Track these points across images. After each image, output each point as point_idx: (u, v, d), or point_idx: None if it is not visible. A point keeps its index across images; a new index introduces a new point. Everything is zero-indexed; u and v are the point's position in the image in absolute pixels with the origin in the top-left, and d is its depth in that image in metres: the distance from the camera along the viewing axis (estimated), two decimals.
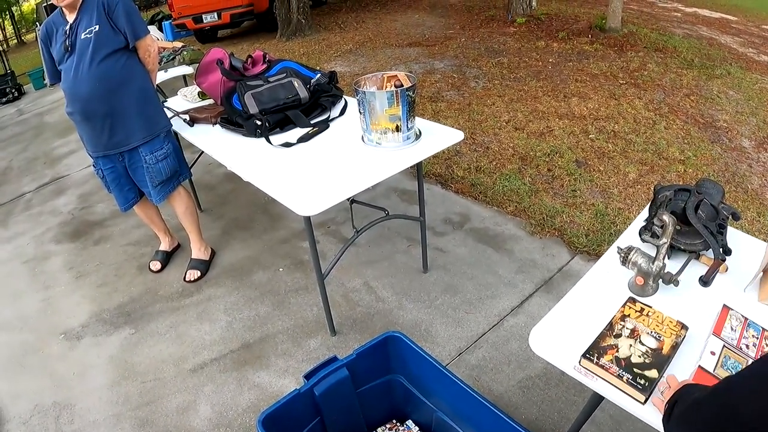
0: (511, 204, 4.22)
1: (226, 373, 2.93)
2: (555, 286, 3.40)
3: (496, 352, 2.95)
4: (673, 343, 1.60)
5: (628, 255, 1.81)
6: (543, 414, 2.64)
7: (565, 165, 4.72)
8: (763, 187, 4.63)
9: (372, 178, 2.52)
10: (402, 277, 3.51)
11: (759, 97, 6.41)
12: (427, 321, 3.15)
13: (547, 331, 1.66)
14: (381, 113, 2.60)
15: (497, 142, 5.13)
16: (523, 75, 6.79)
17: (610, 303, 1.76)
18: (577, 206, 4.17)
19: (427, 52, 7.85)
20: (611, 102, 5.97)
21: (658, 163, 4.76)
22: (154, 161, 3.27)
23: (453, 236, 3.90)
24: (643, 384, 1.47)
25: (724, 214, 1.97)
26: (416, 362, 2.10)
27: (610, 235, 3.81)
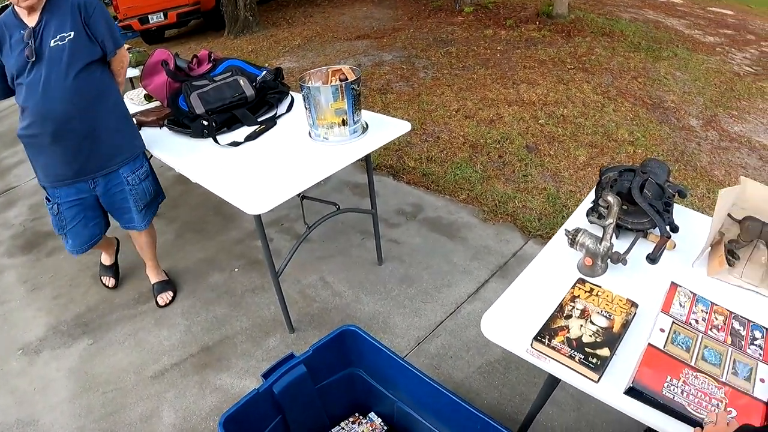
0: (464, 192, 4.25)
1: (188, 378, 2.89)
2: (510, 271, 3.44)
3: (455, 340, 2.97)
4: (623, 322, 1.62)
5: (576, 237, 1.83)
6: (504, 398, 2.67)
7: (516, 151, 4.76)
8: (711, 164, 4.73)
9: (320, 174, 2.51)
10: (357, 270, 3.50)
11: (705, 77, 6.55)
12: (384, 313, 3.16)
13: (498, 316, 1.67)
14: (326, 108, 2.59)
15: (447, 131, 5.14)
16: (472, 63, 6.81)
17: (560, 285, 1.78)
18: (528, 191, 4.21)
19: (376, 45, 7.83)
20: (560, 87, 6.03)
21: (608, 145, 4.83)
22: (138, 181, 2.94)
23: (407, 227, 3.91)
24: (595, 363, 1.49)
25: (670, 192, 2.00)
26: (373, 355, 2.10)
27: (562, 218, 3.85)
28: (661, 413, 1.42)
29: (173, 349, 3.08)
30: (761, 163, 4.92)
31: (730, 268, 1.89)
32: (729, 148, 5.08)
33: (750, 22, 9.70)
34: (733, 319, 1.69)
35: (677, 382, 1.45)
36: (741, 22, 9.59)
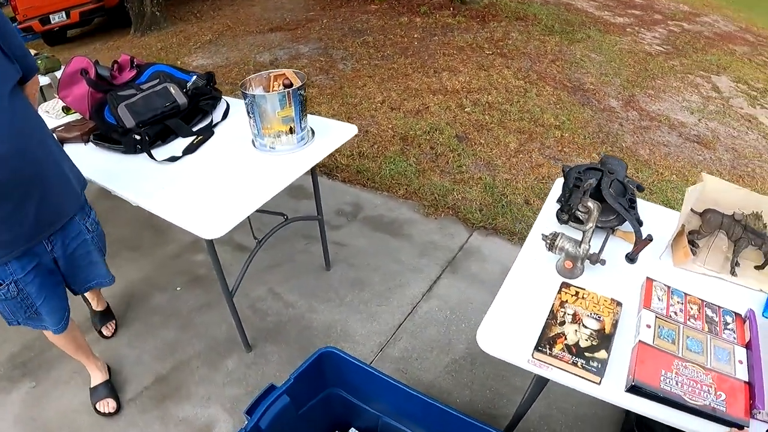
0: (401, 187, 4.25)
1: (147, 413, 2.72)
2: (460, 265, 3.47)
3: (417, 341, 2.98)
4: (612, 321, 1.66)
5: (555, 241, 1.85)
6: (476, 395, 2.71)
7: (447, 141, 4.79)
8: (636, 144, 4.90)
9: (274, 187, 2.42)
10: (306, 278, 3.44)
11: (620, 58, 6.78)
12: (341, 321, 3.12)
13: (492, 328, 1.67)
14: (273, 116, 2.50)
15: (375, 125, 5.13)
16: (391, 53, 6.82)
17: (544, 290, 1.80)
18: (465, 182, 4.25)
19: (290, 37, 7.72)
20: (481, 73, 6.11)
21: (536, 131, 4.93)
22: (95, 224, 2.39)
23: (349, 228, 3.88)
24: (597, 367, 1.53)
25: (631, 188, 2.06)
26: (351, 372, 2.07)
27: (502, 207, 3.92)
28: (661, 405, 1.49)
29: (125, 383, 2.89)
30: (681, 140, 5.13)
31: (694, 257, 1.98)
32: (650, 127, 5.28)
33: (656, 2, 10.07)
34: (705, 307, 1.77)
35: (671, 375, 1.51)
36: (648, 2, 9.96)
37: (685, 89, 6.31)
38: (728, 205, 1.96)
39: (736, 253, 1.96)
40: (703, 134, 5.37)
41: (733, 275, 1.95)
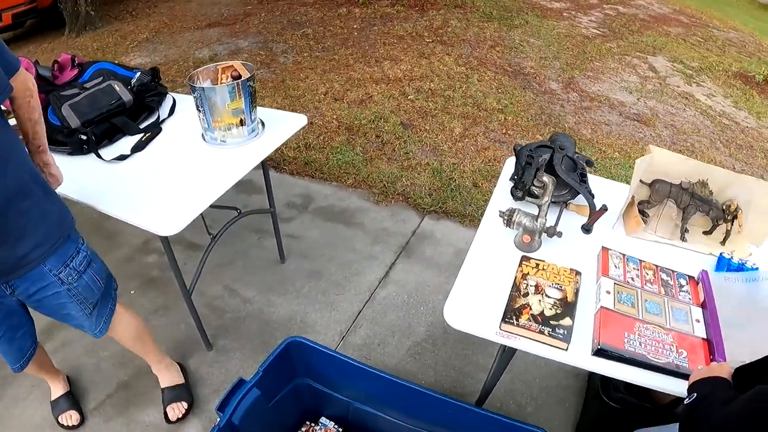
0: (350, 176, 4.25)
1: (113, 421, 2.64)
2: (414, 250, 3.51)
3: (378, 327, 3.01)
4: (574, 290, 1.71)
5: (512, 217, 1.89)
6: (441, 375, 2.74)
7: (392, 129, 4.81)
8: (578, 124, 5.01)
9: (228, 180, 2.38)
10: (262, 272, 3.42)
11: (558, 42, 6.92)
12: (300, 312, 3.11)
13: (457, 305, 1.70)
14: (223, 109, 2.46)
15: (320, 116, 5.10)
16: (331, 44, 6.78)
17: (505, 265, 1.84)
18: (413, 168, 4.28)
19: (229, 32, 7.59)
20: (423, 61, 6.15)
21: (480, 115, 4.99)
22: (75, 275, 1.96)
23: (301, 220, 3.86)
24: (563, 333, 1.58)
25: (581, 164, 2.11)
26: (318, 360, 2.08)
27: (451, 191, 3.97)
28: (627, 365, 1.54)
29: (88, 393, 2.79)
30: (621, 119, 5.27)
31: (645, 226, 2.07)
32: (590, 107, 5.40)
33: None
34: (660, 272, 1.84)
35: (634, 336, 1.57)
36: None
37: (623, 70, 6.46)
38: (676, 174, 2.04)
39: (684, 220, 2.04)
40: (643, 112, 5.52)
41: (683, 241, 2.04)
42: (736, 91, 6.32)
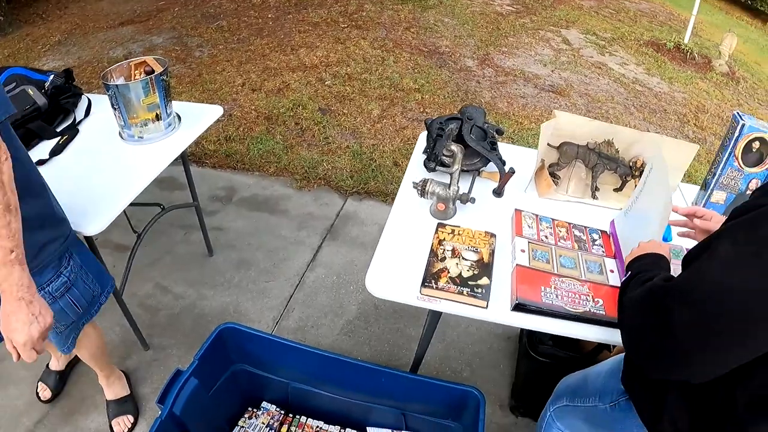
0: (271, 165, 4.26)
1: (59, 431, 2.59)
2: (339, 232, 3.57)
3: (310, 309, 3.05)
4: (489, 251, 1.78)
5: (425, 186, 1.95)
6: (375, 350, 2.81)
7: (311, 115, 4.83)
8: (494, 98, 5.14)
9: (147, 176, 2.37)
10: (191, 267, 3.40)
11: (472, 21, 7.05)
12: (233, 303, 3.12)
13: (378, 275, 1.74)
14: (138, 105, 2.43)
15: (238, 108, 5.07)
16: (246, 35, 6.71)
17: (422, 233, 1.90)
18: (333, 152, 4.33)
19: (142, 29, 7.41)
20: (338, 47, 6.17)
21: (397, 96, 5.06)
22: (50, 299, 1.80)
23: (225, 212, 3.85)
24: (481, 292, 1.64)
25: (491, 132, 2.18)
26: (252, 344, 2.10)
27: (372, 171, 4.03)
28: (545, 317, 1.62)
29: (30, 407, 2.68)
30: (537, 90, 5.42)
31: (557, 187, 2.16)
32: (506, 81, 5.53)
33: None
34: (573, 229, 1.93)
35: (550, 290, 1.64)
36: None
37: (537, 44, 6.63)
38: (582, 136, 2.13)
39: (594, 179, 2.15)
40: (557, 84, 5.68)
41: (594, 198, 2.14)
42: (648, 59, 6.56)
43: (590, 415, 1.63)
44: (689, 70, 6.45)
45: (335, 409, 2.21)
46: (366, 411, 2.16)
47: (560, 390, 1.87)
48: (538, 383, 2.43)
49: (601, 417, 1.57)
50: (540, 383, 2.41)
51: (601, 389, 1.59)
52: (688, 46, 6.85)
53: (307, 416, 2.29)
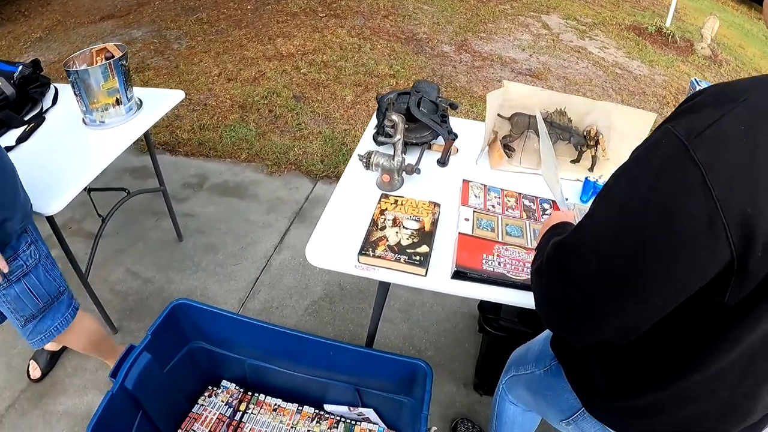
0: (243, 152, 4.27)
1: (28, 415, 2.57)
2: (307, 215, 3.59)
3: (275, 291, 3.06)
4: (432, 220, 1.77)
5: (370, 158, 1.94)
6: (338, 330, 2.83)
7: (285, 103, 4.83)
8: (470, 83, 5.13)
9: (106, 159, 2.37)
10: (161, 252, 3.40)
11: (452, 8, 7.06)
12: (200, 286, 3.13)
13: (319, 244, 1.73)
14: (98, 90, 2.45)
15: (213, 97, 5.06)
16: (225, 26, 6.68)
17: (366, 205, 1.89)
18: (305, 138, 4.33)
19: (123, 23, 7.36)
20: (315, 35, 6.16)
21: (371, 82, 5.06)
22: (5, 282, 1.81)
23: (197, 198, 3.85)
24: (420, 260, 1.62)
25: (443, 106, 2.19)
26: (208, 321, 2.09)
27: (343, 155, 4.06)
28: (486, 285, 1.60)
29: (2, 392, 2.70)
30: (514, 74, 5.42)
31: (509, 159, 2.15)
32: (482, 66, 5.53)
33: None
34: (523, 198, 1.92)
35: (493, 257, 1.63)
36: None
37: (516, 29, 6.63)
38: (534, 106, 2.11)
39: None
40: (535, 67, 5.68)
41: None
42: (629, 43, 6.56)
43: (529, 382, 1.62)
44: (671, 53, 6.44)
45: (293, 387, 2.21)
46: (323, 388, 2.16)
47: (509, 362, 1.87)
48: (499, 360, 2.42)
49: (537, 383, 1.55)
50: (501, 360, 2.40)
51: (537, 355, 1.59)
52: (670, 29, 6.84)
53: (265, 394, 2.30)
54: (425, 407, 1.73)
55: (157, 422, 2.02)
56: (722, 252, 0.81)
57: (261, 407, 2.26)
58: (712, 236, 0.80)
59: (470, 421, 2.49)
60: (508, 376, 1.81)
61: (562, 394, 1.38)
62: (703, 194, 0.79)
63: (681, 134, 0.83)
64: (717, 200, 0.79)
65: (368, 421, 2.22)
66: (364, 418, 2.22)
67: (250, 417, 2.22)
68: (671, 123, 0.86)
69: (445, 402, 2.59)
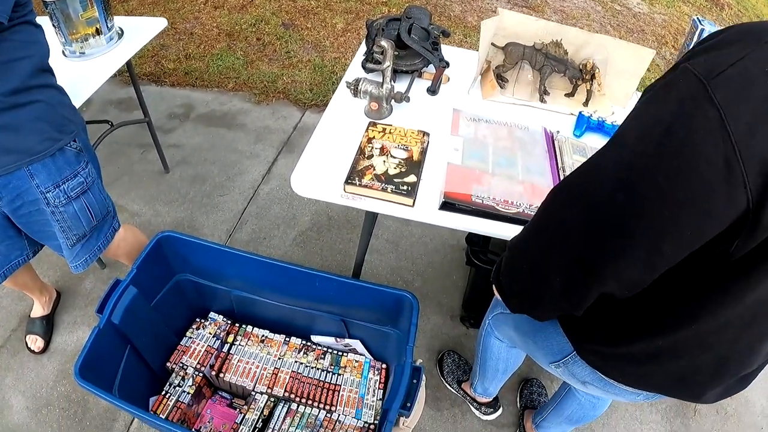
0: (230, 81, 4.19)
1: (19, 354, 2.54)
2: (296, 144, 3.56)
3: (263, 221, 3.04)
4: (420, 150, 1.72)
5: (358, 85, 1.88)
6: (326, 260, 2.82)
7: (273, 31, 4.71)
8: (464, 12, 5.01)
9: (88, 90, 2.29)
10: (147, 185, 3.34)
11: None
12: (187, 218, 3.10)
13: (304, 173, 1.69)
14: (77, 20, 2.35)
15: (200, 26, 4.92)
16: None
17: (354, 133, 1.84)
18: (294, 66, 4.24)
19: None
20: None
21: (363, 9, 4.94)
22: (64, 200, 1.75)
23: (183, 129, 3.78)
24: (407, 189, 1.59)
25: (435, 33, 2.13)
26: (194, 253, 2.07)
27: (332, 83, 3.99)
28: (475, 217, 1.56)
29: None
30: (509, 5, 5.30)
31: (502, 90, 2.09)
32: None
33: None
34: (516, 129, 1.87)
35: (482, 188, 1.59)
36: None
37: None
38: (529, 36, 2.05)
39: (542, 81, 2.08)
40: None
41: (542, 102, 2.07)
42: None
43: (518, 323, 1.58)
44: None
45: (280, 318, 2.21)
46: (309, 319, 2.15)
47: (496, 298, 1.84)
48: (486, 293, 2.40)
49: (526, 325, 1.51)
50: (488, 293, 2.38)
51: None
52: None
53: (253, 325, 2.29)
54: (411, 339, 1.72)
55: (145, 356, 2.01)
56: (739, 200, 0.77)
57: (248, 338, 2.25)
58: (730, 183, 0.76)
59: (456, 354, 2.50)
60: (495, 313, 1.78)
61: (553, 337, 1.34)
62: (721, 138, 0.74)
63: (700, 73, 0.77)
64: (735, 144, 0.74)
65: (355, 352, 2.22)
66: (351, 349, 2.22)
67: (237, 348, 2.21)
68: (689, 62, 0.80)
69: (431, 334, 2.60)
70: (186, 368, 2.12)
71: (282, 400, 2.10)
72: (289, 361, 2.18)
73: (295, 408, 2.07)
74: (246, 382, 2.11)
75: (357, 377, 2.15)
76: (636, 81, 2.01)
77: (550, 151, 1.80)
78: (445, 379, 2.45)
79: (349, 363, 2.19)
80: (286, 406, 2.08)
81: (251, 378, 2.13)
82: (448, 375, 2.44)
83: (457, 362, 2.47)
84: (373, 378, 2.15)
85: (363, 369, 2.18)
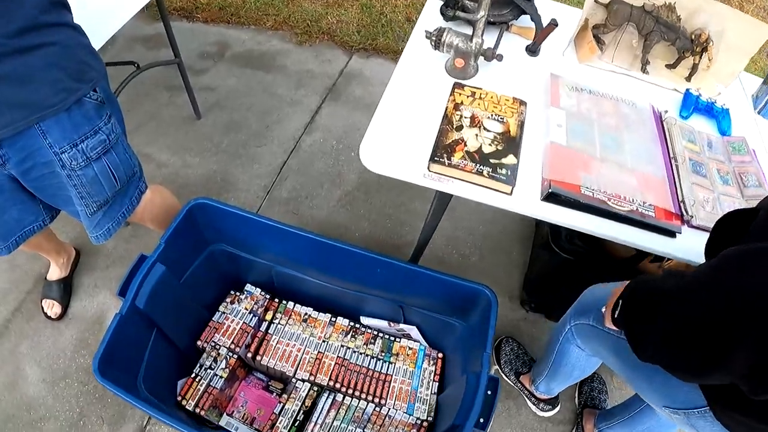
0: (269, 18, 3.85)
1: (35, 320, 2.34)
2: (342, 91, 3.28)
3: (305, 178, 2.80)
4: (518, 123, 1.45)
5: (441, 37, 1.58)
6: (375, 226, 2.60)
7: None
8: None
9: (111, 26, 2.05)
10: (176, 132, 3.07)
11: None
12: (220, 170, 2.84)
13: (376, 142, 1.41)
14: None
15: None
16: None
17: (434, 95, 1.56)
18: (339, 4, 3.92)
19: None
20: None
21: None
22: (83, 161, 1.46)
23: (216, 69, 3.49)
24: (506, 174, 1.32)
25: None
26: (230, 222, 1.82)
27: (382, 26, 3.68)
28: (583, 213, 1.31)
29: (6, 294, 2.43)
30: None
31: (601, 53, 1.82)
32: None
33: None
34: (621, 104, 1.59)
35: (590, 178, 1.32)
36: None
37: None
38: None
39: (647, 49, 1.80)
40: None
41: (644, 72, 1.81)
42: None
43: (619, 347, 1.32)
44: None
45: (325, 296, 1.98)
46: (360, 300, 1.93)
47: (586, 303, 1.53)
48: (555, 280, 2.15)
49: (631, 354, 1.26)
50: (558, 280, 2.13)
51: None
52: None
53: (294, 302, 2.06)
54: (488, 345, 1.47)
55: (172, 337, 1.79)
56: None
57: (289, 317, 2.02)
58: None
59: (515, 341, 2.28)
60: (582, 321, 1.50)
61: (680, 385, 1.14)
62: None
63: None
64: None
65: (409, 337, 2.01)
66: (405, 334, 2.00)
67: (277, 328, 1.99)
68: None
69: None
70: (218, 348, 1.90)
71: (326, 390, 1.90)
72: (334, 344, 1.97)
73: (340, 399, 1.87)
74: (286, 367, 1.91)
75: (410, 367, 1.94)
76: (746, 60, 1.72)
77: (660, 135, 1.52)
78: (502, 369, 2.23)
79: (402, 350, 1.98)
80: (331, 397, 1.88)
81: (292, 362, 1.92)
82: (506, 365, 2.22)
83: (516, 352, 2.24)
84: (428, 368, 1.95)
85: (417, 358, 1.96)
